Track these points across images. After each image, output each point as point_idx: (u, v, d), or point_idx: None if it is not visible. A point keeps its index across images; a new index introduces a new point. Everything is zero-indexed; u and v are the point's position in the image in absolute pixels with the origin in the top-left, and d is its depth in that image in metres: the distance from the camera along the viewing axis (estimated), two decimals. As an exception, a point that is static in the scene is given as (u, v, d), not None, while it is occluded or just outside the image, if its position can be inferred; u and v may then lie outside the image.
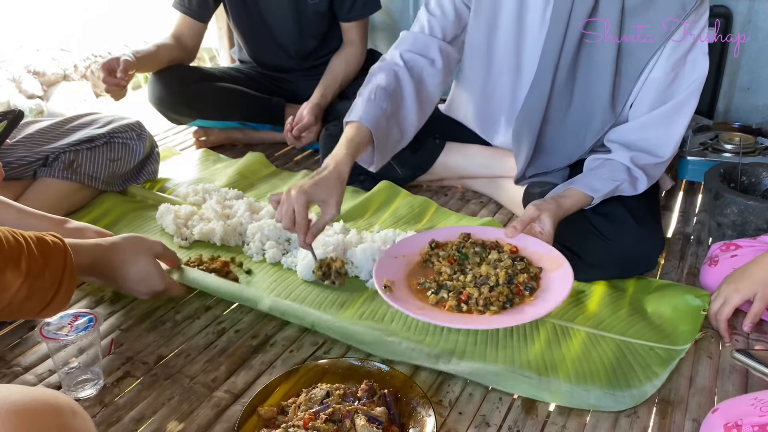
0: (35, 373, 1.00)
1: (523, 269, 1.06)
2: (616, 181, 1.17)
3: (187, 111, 1.87)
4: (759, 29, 1.78)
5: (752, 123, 1.78)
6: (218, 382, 0.98)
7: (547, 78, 1.24)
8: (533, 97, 1.28)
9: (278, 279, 1.23)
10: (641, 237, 1.18)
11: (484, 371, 0.96)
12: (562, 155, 1.35)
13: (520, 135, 1.34)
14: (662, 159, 1.22)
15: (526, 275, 1.05)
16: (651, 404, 0.93)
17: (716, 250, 1.19)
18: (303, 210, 1.06)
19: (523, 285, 1.03)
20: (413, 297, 1.04)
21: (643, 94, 1.21)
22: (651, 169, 1.22)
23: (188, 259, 1.25)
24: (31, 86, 2.95)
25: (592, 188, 1.17)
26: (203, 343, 1.07)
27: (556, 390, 0.93)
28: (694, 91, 1.18)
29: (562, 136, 1.33)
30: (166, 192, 1.61)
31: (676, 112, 1.19)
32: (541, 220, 1.11)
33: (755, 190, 1.39)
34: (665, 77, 1.18)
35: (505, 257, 1.09)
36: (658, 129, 1.21)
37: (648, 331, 1.07)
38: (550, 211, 1.11)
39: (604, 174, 1.19)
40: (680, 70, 1.18)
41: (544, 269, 1.08)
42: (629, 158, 1.20)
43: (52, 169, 1.41)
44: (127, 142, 1.51)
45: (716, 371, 0.99)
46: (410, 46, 1.28)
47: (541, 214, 1.11)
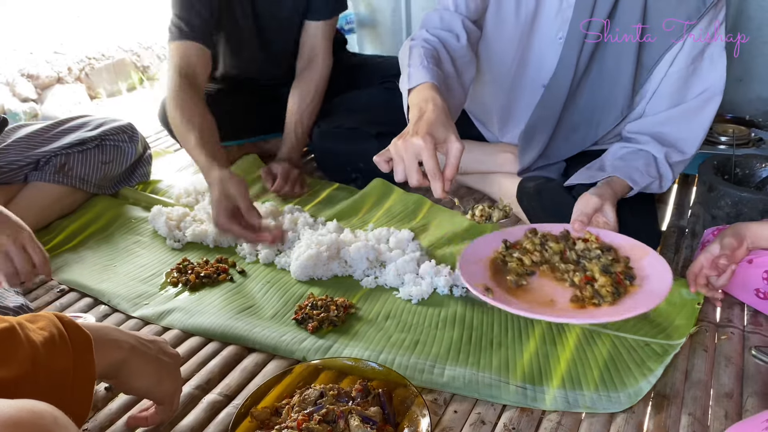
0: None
1: (614, 259, 0.99)
2: (652, 178, 1.16)
3: None
4: (750, 20, 1.77)
5: (745, 114, 1.78)
6: (212, 384, 0.98)
7: (568, 71, 1.23)
8: (552, 92, 1.27)
9: (272, 280, 1.23)
10: (637, 230, 1.17)
11: (476, 383, 0.94)
12: (572, 145, 1.35)
13: (535, 128, 1.32)
14: (686, 156, 1.21)
15: (623, 265, 0.98)
16: (647, 399, 0.92)
17: (709, 235, 1.19)
18: (434, 155, 0.90)
19: (623, 274, 0.97)
20: (512, 296, 0.95)
21: (663, 89, 1.20)
22: (675, 167, 1.21)
23: (180, 267, 1.25)
24: (25, 89, 2.94)
25: (633, 180, 1.14)
26: (196, 345, 1.07)
27: (549, 398, 0.92)
28: (718, 89, 1.17)
29: (575, 128, 1.32)
30: (159, 193, 1.60)
31: (702, 107, 1.18)
32: (604, 210, 1.05)
33: (749, 181, 1.38)
34: (685, 71, 1.17)
35: (593, 247, 1.02)
36: (683, 124, 1.20)
37: (643, 326, 1.06)
38: (610, 198, 1.06)
39: (640, 166, 1.17)
40: (699, 64, 1.17)
41: (632, 258, 1.01)
42: (663, 153, 1.19)
43: (44, 172, 1.41)
44: (118, 145, 1.50)
45: (712, 364, 0.99)
46: (438, 23, 1.22)
47: (604, 203, 1.05)
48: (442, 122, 0.95)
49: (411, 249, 1.26)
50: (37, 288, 1.24)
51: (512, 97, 1.37)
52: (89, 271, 1.27)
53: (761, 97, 1.84)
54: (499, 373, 0.96)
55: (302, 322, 1.08)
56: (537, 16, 1.24)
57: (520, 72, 1.33)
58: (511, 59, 1.30)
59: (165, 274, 1.25)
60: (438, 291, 1.17)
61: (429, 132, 0.91)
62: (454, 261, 1.26)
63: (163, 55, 3.68)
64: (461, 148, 0.92)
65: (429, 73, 1.06)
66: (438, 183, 0.91)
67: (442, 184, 0.91)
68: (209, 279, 1.22)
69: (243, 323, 1.09)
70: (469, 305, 1.13)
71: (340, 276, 1.23)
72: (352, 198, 1.52)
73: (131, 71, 3.43)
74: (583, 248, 1.02)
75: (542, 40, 1.26)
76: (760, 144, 1.59)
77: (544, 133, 1.32)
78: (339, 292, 1.18)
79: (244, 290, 1.20)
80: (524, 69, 1.32)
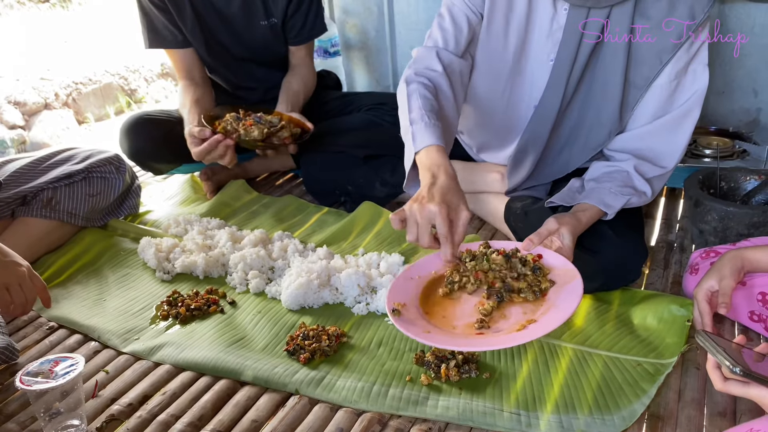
0: (17, 421, 0.98)
1: (533, 282, 1.01)
2: (626, 196, 1.17)
3: (171, 158, 1.80)
4: (730, 33, 1.80)
5: (729, 126, 1.80)
6: (204, 420, 0.97)
7: (558, 92, 1.24)
8: (542, 113, 1.28)
9: (263, 309, 1.22)
10: (624, 247, 1.18)
11: (470, 412, 0.94)
12: (561, 166, 1.36)
13: (525, 149, 1.33)
14: (665, 169, 1.22)
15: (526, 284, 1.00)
16: (641, 420, 0.92)
17: (697, 257, 1.20)
18: (446, 222, 0.97)
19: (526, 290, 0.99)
20: (423, 320, 0.97)
21: (645, 103, 1.21)
22: (655, 181, 1.22)
23: (171, 299, 1.25)
24: (13, 116, 2.93)
25: (605, 204, 1.16)
26: (188, 380, 1.06)
27: (544, 423, 0.91)
28: (697, 101, 1.19)
29: (562, 149, 1.33)
30: (148, 224, 1.60)
31: (680, 121, 1.20)
32: (561, 234, 1.08)
33: (735, 195, 1.39)
34: (668, 85, 1.18)
35: (527, 269, 1.03)
36: (662, 138, 1.21)
37: (635, 345, 1.06)
38: (570, 225, 1.09)
39: (612, 188, 1.18)
40: (682, 79, 1.18)
41: (557, 283, 1.02)
42: (633, 166, 1.20)
43: (31, 207, 1.40)
44: (105, 176, 1.50)
45: (705, 382, 0.99)
46: (428, 62, 1.23)
47: (561, 227, 1.08)
48: (454, 191, 1.01)
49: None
50: (26, 326, 1.22)
51: (504, 118, 1.38)
52: (78, 307, 1.26)
53: (743, 107, 1.87)
54: (493, 401, 0.96)
55: (294, 353, 1.08)
56: (527, 40, 1.25)
57: (512, 96, 1.33)
58: (503, 85, 1.31)
59: (155, 307, 1.25)
60: (430, 316, 1.16)
61: (443, 200, 0.98)
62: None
63: (150, 78, 3.69)
64: (469, 216, 1.00)
65: (434, 134, 1.09)
66: (449, 248, 0.98)
67: (452, 249, 0.99)
68: (200, 311, 1.21)
69: (234, 356, 1.08)
70: (461, 330, 1.13)
71: (332, 303, 1.23)
72: (342, 222, 1.52)
73: (119, 95, 3.43)
74: (520, 267, 1.03)
75: (534, 63, 1.27)
76: (744, 156, 1.60)
77: (533, 153, 1.33)
78: (330, 320, 1.18)
79: (235, 322, 1.19)
80: (517, 92, 1.32)
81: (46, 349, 1.15)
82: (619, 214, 1.20)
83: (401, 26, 2.25)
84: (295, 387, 1.01)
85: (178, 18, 1.68)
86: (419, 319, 0.97)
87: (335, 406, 0.98)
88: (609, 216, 1.16)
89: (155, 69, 3.68)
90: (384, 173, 1.40)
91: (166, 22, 1.68)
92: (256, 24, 1.75)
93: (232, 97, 1.89)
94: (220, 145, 1.53)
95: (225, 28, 1.74)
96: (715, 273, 0.99)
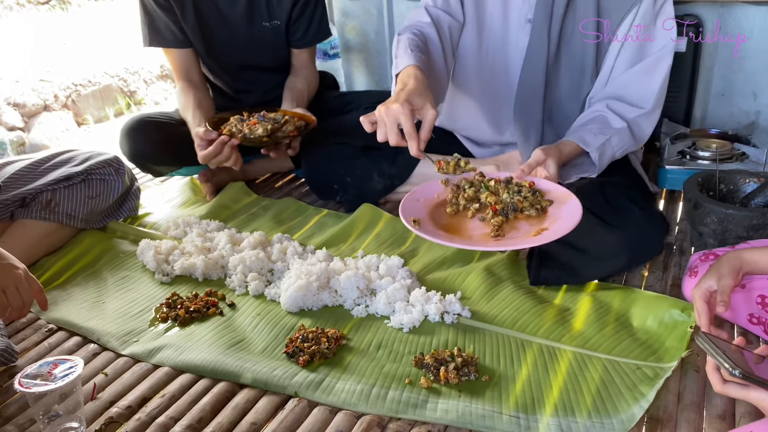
0: (16, 423, 0.98)
1: (534, 201, 1.11)
2: (605, 135, 1.27)
3: (171, 160, 1.80)
4: (729, 35, 1.80)
5: (728, 129, 1.80)
6: (203, 423, 0.97)
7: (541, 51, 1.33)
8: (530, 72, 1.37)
9: (262, 312, 1.22)
10: (647, 220, 1.26)
11: (469, 415, 0.94)
12: (565, 119, 1.43)
13: (525, 111, 1.41)
14: (645, 109, 1.31)
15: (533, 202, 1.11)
16: (640, 423, 0.92)
17: (696, 260, 1.20)
18: (410, 119, 1.06)
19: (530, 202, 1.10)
20: (440, 231, 1.06)
21: (620, 57, 1.32)
22: (638, 123, 1.31)
23: (170, 302, 1.25)
24: (12, 118, 2.93)
25: (585, 142, 1.26)
26: (187, 382, 1.06)
27: (543, 426, 0.91)
28: (668, 53, 1.31)
29: (561, 104, 1.41)
30: (147, 226, 1.60)
31: (653, 67, 1.31)
32: (547, 163, 1.17)
33: (734, 197, 1.39)
34: (637, 38, 1.30)
35: (525, 189, 1.13)
36: (637, 82, 1.32)
37: (635, 349, 1.06)
38: (554, 155, 1.19)
39: (593, 129, 1.28)
40: (651, 32, 1.31)
41: (555, 201, 1.12)
42: (605, 105, 1.31)
43: (30, 209, 1.40)
44: (105, 178, 1.50)
45: (704, 386, 0.99)
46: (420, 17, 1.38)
47: (547, 158, 1.18)
48: (419, 92, 1.11)
49: (401, 276, 1.26)
50: (25, 329, 1.22)
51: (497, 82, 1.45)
52: (77, 309, 1.25)
53: (743, 110, 1.87)
54: (492, 404, 0.96)
55: (293, 355, 1.08)
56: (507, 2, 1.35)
57: (500, 58, 1.41)
58: (493, 46, 1.40)
59: (154, 309, 1.25)
60: (429, 318, 1.16)
61: (407, 99, 1.08)
62: (444, 287, 1.26)
63: (150, 80, 3.69)
64: (435, 114, 1.10)
65: (413, 58, 1.22)
66: (414, 142, 1.07)
67: (417, 143, 1.07)
68: (199, 313, 1.21)
69: (233, 359, 1.08)
70: (461, 333, 1.13)
71: (331, 306, 1.23)
72: (341, 224, 1.52)
73: (118, 96, 3.43)
74: (516, 189, 1.13)
75: (514, 26, 1.37)
76: (743, 158, 1.60)
77: (535, 115, 1.40)
78: (330, 322, 1.18)
79: (234, 324, 1.19)
80: (504, 54, 1.41)
81: (45, 351, 1.15)
82: (636, 193, 1.29)
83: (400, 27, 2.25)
84: (294, 389, 1.01)
85: (181, 17, 1.69)
86: (437, 231, 1.05)
87: (334, 409, 0.98)
88: (594, 157, 1.26)
89: (155, 71, 3.68)
90: (382, 164, 1.44)
91: (168, 21, 1.69)
92: (259, 25, 1.75)
93: (230, 100, 1.89)
94: (226, 147, 1.54)
95: (227, 29, 1.75)
96: (713, 273, 0.99)
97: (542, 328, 1.13)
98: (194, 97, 1.69)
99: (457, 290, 1.23)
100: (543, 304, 1.19)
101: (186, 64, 1.76)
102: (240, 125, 1.58)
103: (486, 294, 1.22)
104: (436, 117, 1.09)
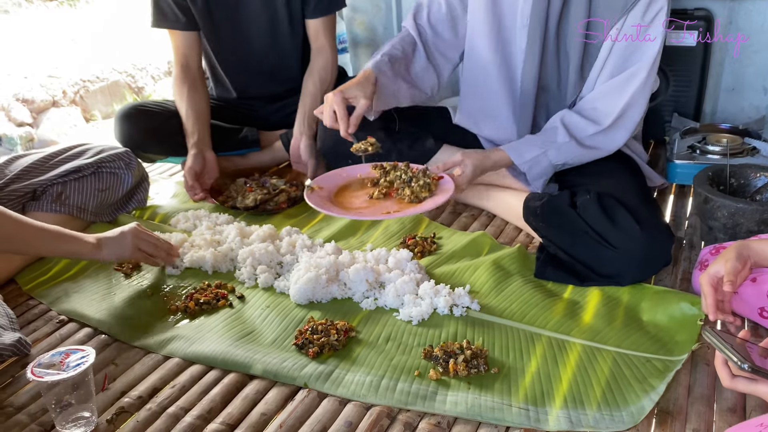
0: (28, 413, 0.99)
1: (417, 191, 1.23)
2: (542, 148, 1.31)
3: (157, 148, 1.85)
4: (740, 30, 1.79)
5: (739, 124, 1.79)
6: (213, 413, 0.97)
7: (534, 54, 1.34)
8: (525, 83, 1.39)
9: (271, 304, 1.22)
10: (650, 240, 1.19)
11: (478, 407, 0.94)
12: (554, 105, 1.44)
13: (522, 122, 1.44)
14: (601, 126, 1.31)
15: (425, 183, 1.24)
16: (650, 416, 0.92)
17: (706, 254, 1.19)
18: (341, 105, 1.24)
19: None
20: (328, 202, 1.24)
21: (607, 63, 1.31)
22: (595, 139, 1.31)
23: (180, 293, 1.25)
24: (21, 114, 2.95)
25: (519, 152, 1.32)
26: (197, 373, 1.06)
27: (553, 418, 0.91)
28: (646, 64, 1.27)
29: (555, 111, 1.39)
30: (156, 219, 1.60)
31: (623, 83, 1.29)
32: (464, 163, 1.27)
33: (744, 191, 1.39)
34: (625, 48, 1.27)
35: (422, 178, 1.25)
36: (603, 97, 1.31)
37: (644, 342, 1.06)
38: (475, 158, 1.29)
39: (535, 140, 1.33)
40: (638, 42, 1.27)
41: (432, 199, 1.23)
42: (560, 118, 1.33)
43: (41, 202, 1.41)
44: (115, 171, 1.50)
45: (714, 379, 0.99)
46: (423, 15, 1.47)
47: (465, 159, 1.28)
48: (356, 85, 1.28)
49: (410, 269, 1.26)
50: (36, 320, 1.23)
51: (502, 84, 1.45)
52: (88, 301, 1.26)
53: (753, 104, 1.86)
54: (501, 396, 0.96)
55: (303, 347, 1.08)
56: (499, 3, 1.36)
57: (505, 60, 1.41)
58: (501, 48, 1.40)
59: (164, 300, 1.25)
60: (438, 311, 1.17)
61: (341, 90, 1.27)
62: (453, 280, 1.27)
63: (157, 76, 3.70)
64: (366, 104, 1.26)
65: (373, 64, 1.36)
66: (343, 125, 1.24)
67: (344, 127, 1.24)
68: (208, 305, 1.22)
69: (243, 350, 1.08)
70: (470, 326, 1.13)
71: (340, 299, 1.23)
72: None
73: (126, 92, 3.45)
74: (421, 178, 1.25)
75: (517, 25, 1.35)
76: (754, 153, 1.59)
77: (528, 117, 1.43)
78: (339, 315, 1.18)
79: (244, 316, 1.20)
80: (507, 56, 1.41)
81: (57, 342, 1.16)
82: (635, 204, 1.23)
83: (408, 23, 2.24)
84: (303, 381, 1.01)
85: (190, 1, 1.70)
86: (325, 201, 1.24)
87: (344, 400, 0.98)
88: (524, 169, 1.32)
89: (162, 67, 3.70)
90: (401, 147, 1.47)
91: (172, 2, 1.70)
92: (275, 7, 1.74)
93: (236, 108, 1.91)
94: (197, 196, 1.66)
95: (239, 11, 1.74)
96: (720, 259, 0.99)
97: (551, 321, 1.12)
98: (190, 99, 1.71)
99: (466, 283, 1.23)
100: (552, 298, 1.19)
101: (185, 49, 1.76)
102: (238, 189, 1.65)
103: (495, 287, 1.22)
104: (366, 107, 1.26)
